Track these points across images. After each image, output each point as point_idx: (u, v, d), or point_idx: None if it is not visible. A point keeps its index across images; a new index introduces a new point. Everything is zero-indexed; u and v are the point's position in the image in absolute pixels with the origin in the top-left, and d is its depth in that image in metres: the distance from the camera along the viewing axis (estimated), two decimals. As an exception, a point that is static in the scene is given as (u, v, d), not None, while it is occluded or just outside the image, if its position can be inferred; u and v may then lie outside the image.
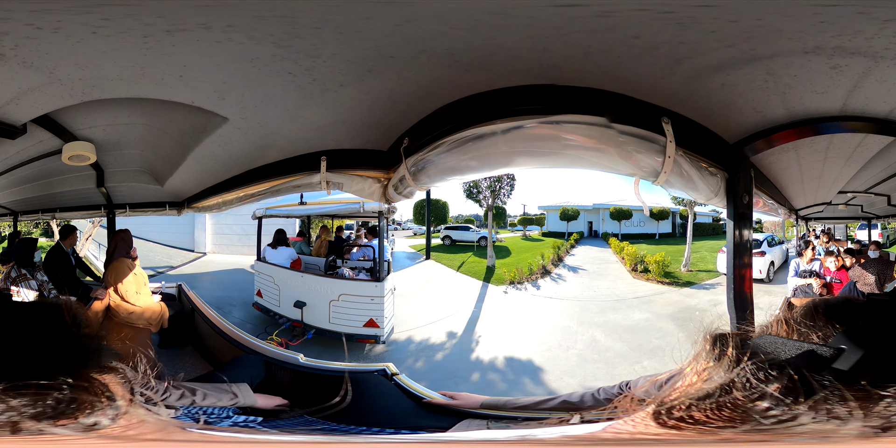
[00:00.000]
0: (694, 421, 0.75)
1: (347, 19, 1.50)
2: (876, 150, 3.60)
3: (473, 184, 20.37)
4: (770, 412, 0.69)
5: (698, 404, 0.76)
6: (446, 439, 1.48)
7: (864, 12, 1.33)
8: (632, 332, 10.82)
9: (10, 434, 0.70)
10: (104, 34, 1.56)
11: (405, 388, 2.89)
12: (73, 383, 0.80)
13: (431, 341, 10.07)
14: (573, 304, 13.55)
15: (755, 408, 0.71)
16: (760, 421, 0.69)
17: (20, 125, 2.51)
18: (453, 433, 2.02)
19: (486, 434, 1.82)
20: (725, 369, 0.79)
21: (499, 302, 14.12)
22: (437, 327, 10.93)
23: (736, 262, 2.54)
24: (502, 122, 2.02)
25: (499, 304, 13.89)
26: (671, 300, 13.97)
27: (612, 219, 29.02)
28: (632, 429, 0.83)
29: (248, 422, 2.26)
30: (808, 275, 7.00)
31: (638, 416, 0.84)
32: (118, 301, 4.39)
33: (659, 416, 0.80)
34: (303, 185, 3.25)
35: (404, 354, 9.15)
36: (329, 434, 2.12)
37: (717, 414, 0.73)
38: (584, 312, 12.56)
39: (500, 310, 13.16)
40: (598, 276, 17.51)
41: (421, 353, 9.46)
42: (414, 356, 9.21)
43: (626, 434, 0.84)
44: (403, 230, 31.55)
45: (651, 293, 14.83)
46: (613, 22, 1.47)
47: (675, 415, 0.78)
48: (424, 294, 14.22)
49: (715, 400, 0.75)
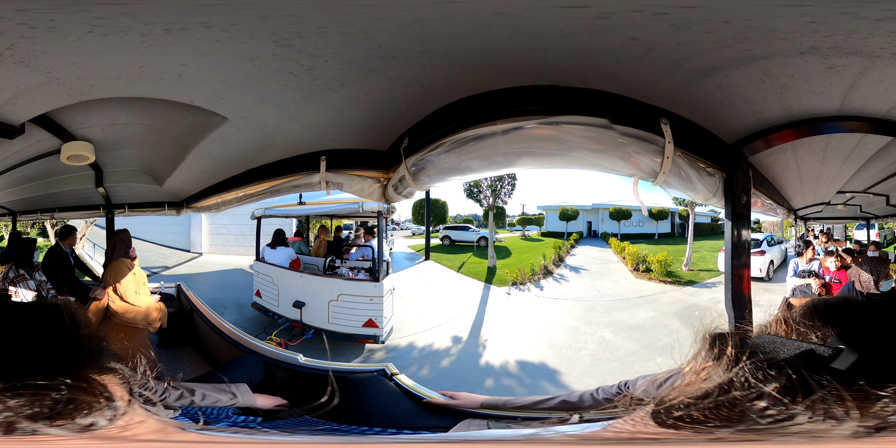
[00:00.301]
0: (692, 420, 0.75)
1: (353, 19, 1.50)
2: (874, 150, 3.61)
3: (474, 183, 20.36)
4: (767, 412, 0.69)
5: (697, 404, 0.76)
6: (448, 439, 1.48)
7: (848, 12, 1.33)
8: (640, 330, 10.81)
9: (8, 434, 0.70)
10: (101, 33, 1.55)
11: (405, 387, 2.89)
12: (71, 384, 0.80)
13: (435, 347, 9.80)
14: (578, 304, 13.47)
15: (753, 407, 0.71)
16: (758, 420, 0.69)
17: (18, 125, 2.50)
18: (455, 433, 2.02)
19: (487, 434, 1.82)
20: (724, 369, 0.79)
21: (502, 304, 13.92)
22: (439, 332, 10.62)
23: (734, 262, 2.54)
24: (503, 122, 2.02)
25: (503, 305, 13.67)
26: (674, 299, 14.03)
27: (612, 219, 29.10)
28: (632, 428, 0.83)
29: (248, 422, 2.26)
30: (806, 275, 7.00)
31: (637, 416, 0.85)
32: (117, 301, 4.39)
33: (658, 416, 0.80)
34: (302, 185, 3.25)
35: (407, 361, 8.93)
36: (330, 434, 2.12)
37: (715, 413, 0.74)
38: (591, 312, 12.49)
39: (505, 312, 12.94)
40: (601, 276, 17.54)
41: (425, 359, 9.19)
42: (418, 363, 8.94)
43: (627, 433, 0.84)
44: (402, 230, 31.48)
45: (654, 292, 14.88)
46: (612, 23, 1.47)
47: (674, 414, 0.78)
48: (425, 297, 13.93)
49: (714, 399, 0.75)
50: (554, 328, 11.15)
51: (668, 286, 15.68)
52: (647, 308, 12.88)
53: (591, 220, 30.34)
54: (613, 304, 13.40)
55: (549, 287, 16.00)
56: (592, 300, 13.91)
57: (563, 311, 12.84)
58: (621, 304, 13.41)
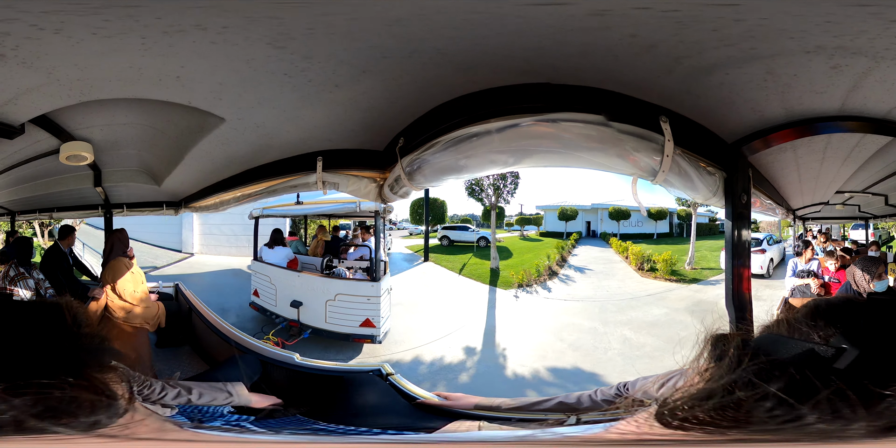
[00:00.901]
0: (698, 421, 0.75)
1: (336, 20, 1.50)
2: (874, 150, 3.61)
3: (476, 182, 20.01)
4: (773, 412, 0.69)
5: (701, 405, 0.76)
6: (431, 440, 1.47)
7: (876, 13, 1.33)
8: (657, 326, 10.78)
9: (12, 433, 0.71)
10: (103, 35, 1.56)
11: (400, 388, 2.89)
12: (73, 382, 0.80)
13: (447, 360, 8.96)
14: (590, 305, 13.30)
15: (759, 408, 0.71)
16: (765, 421, 0.69)
17: (18, 125, 2.51)
18: (439, 434, 2.00)
19: (475, 435, 1.84)
20: (727, 370, 0.80)
21: (512, 308, 13.35)
22: (448, 342, 9.76)
23: (734, 262, 2.53)
24: (497, 120, 2.01)
25: (512, 309, 13.13)
26: (682, 296, 14.13)
27: (611, 219, 29.12)
28: (636, 429, 0.84)
29: (241, 420, 2.26)
30: (805, 275, 6.99)
31: (641, 417, 0.85)
32: (115, 300, 4.38)
33: (662, 417, 0.80)
34: (299, 185, 3.25)
35: (415, 378, 7.36)
36: (319, 434, 2.12)
37: (720, 414, 0.74)
38: (604, 312, 12.34)
39: (516, 316, 12.38)
40: (606, 276, 17.52)
41: (437, 375, 8.35)
42: (430, 379, 8.08)
43: (632, 435, 0.84)
44: (399, 230, 31.29)
45: (661, 290, 14.95)
46: (609, 21, 1.46)
47: (679, 415, 0.78)
48: (427, 302, 13.04)
49: (718, 400, 0.75)
50: (572, 330, 10.87)
51: (673, 284, 15.82)
52: (659, 305, 12.87)
53: (589, 220, 30.32)
54: (625, 302, 13.34)
55: (556, 288, 15.74)
56: (603, 300, 13.81)
57: (576, 312, 12.60)
58: (632, 302, 13.36)
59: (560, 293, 15.17)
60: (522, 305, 13.76)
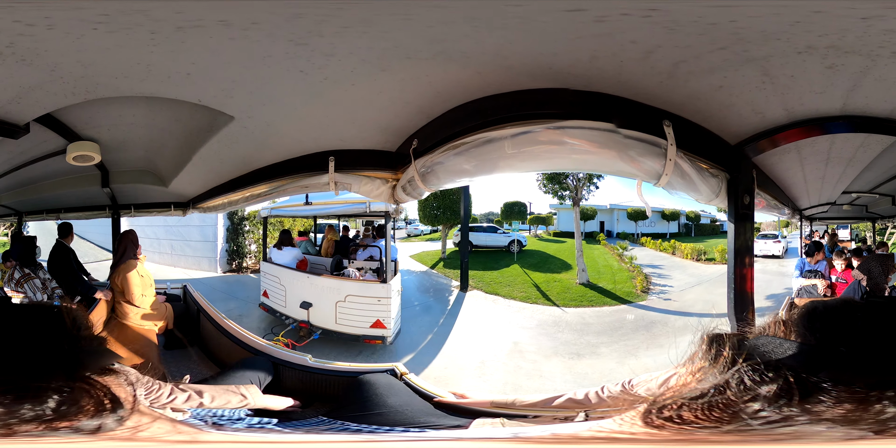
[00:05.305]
0: (682, 421, 0.77)
1: (381, 18, 1.48)
2: (879, 150, 3.64)
3: (551, 175, 16.95)
4: (761, 413, 0.71)
5: (690, 404, 0.78)
6: (470, 437, 1.49)
7: (820, 11, 1.34)
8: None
9: (8, 437, 0.71)
10: (106, 30, 1.53)
11: (415, 387, 2.87)
12: (72, 385, 0.81)
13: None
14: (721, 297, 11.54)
15: (746, 409, 0.72)
16: (749, 422, 0.71)
17: (23, 124, 2.48)
18: (476, 430, 2.05)
19: (484, 432, 1.90)
20: (720, 370, 0.82)
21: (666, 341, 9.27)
22: None
23: (737, 262, 2.56)
24: (512, 126, 2.05)
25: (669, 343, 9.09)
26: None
27: (629, 219, 29.34)
28: (616, 428, 0.85)
29: (263, 423, 2.22)
30: (812, 275, 6.98)
31: (628, 415, 0.87)
32: (123, 302, 4.37)
33: (648, 416, 0.82)
34: (310, 185, 3.22)
35: None
36: (353, 433, 2.10)
37: (706, 414, 0.75)
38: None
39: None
40: (678, 269, 17.77)
41: None
42: None
43: (605, 432, 0.85)
44: (397, 230, 27.91)
45: (724, 272, 14.95)
46: (610, 27, 1.48)
47: (665, 414, 0.80)
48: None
49: (707, 400, 0.77)
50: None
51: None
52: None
53: (603, 220, 30.34)
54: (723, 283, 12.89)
55: (657, 298, 13.38)
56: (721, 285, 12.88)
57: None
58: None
59: (680, 302, 13.12)
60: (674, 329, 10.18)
